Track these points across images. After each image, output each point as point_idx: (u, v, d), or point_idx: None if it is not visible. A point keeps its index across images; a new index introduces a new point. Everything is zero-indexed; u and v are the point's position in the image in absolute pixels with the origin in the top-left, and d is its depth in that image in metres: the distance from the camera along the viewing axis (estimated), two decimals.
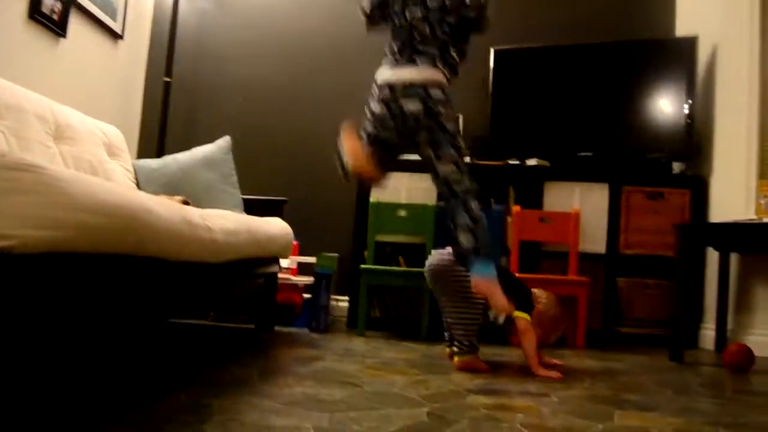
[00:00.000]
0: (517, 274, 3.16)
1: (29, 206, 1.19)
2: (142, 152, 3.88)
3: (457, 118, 2.66)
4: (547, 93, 3.75)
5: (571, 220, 3.33)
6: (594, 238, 3.41)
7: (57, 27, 3.16)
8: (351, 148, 2.25)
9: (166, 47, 3.89)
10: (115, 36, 3.74)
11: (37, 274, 1.24)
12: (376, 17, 2.43)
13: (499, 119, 3.76)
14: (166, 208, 1.70)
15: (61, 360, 2.01)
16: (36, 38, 3.04)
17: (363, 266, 3.17)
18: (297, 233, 3.35)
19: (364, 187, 3.46)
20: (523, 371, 2.33)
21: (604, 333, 3.38)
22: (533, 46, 3.81)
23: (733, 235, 2.87)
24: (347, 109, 3.98)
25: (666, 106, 3.54)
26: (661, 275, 3.37)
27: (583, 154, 3.60)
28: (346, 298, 3.54)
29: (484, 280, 2.14)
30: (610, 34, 3.83)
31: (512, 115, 3.77)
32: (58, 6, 3.16)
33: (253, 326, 3.14)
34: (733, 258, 3.25)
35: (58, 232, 1.23)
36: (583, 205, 3.43)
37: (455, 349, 2.36)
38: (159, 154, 3.71)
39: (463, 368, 2.31)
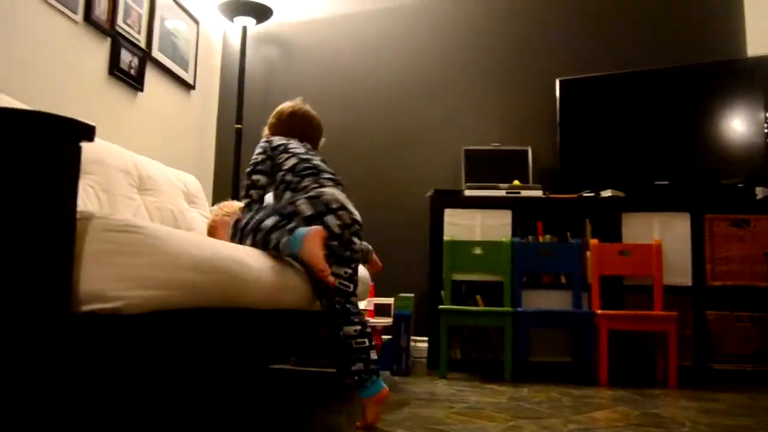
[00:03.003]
0: (599, 311, 3.08)
1: (134, 267, 1.19)
2: (217, 198, 3.96)
3: None
4: (618, 121, 3.67)
5: (653, 251, 3.22)
6: (678, 270, 3.28)
7: (135, 81, 3.28)
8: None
9: (236, 94, 3.98)
10: (188, 86, 3.86)
11: (144, 333, 1.25)
12: None
13: (569, 151, 3.69)
14: (256, 258, 1.71)
15: (163, 412, 2.03)
16: (116, 93, 3.16)
17: (441, 306, 3.13)
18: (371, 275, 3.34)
19: (437, 225, 3.43)
20: (625, 416, 2.23)
21: (696, 370, 3.22)
22: (600, 75, 3.75)
23: None
24: (413, 149, 4.02)
25: (742, 128, 3.42)
26: (754, 307, 3.21)
27: (659, 182, 3.49)
28: (425, 338, 3.49)
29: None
30: (678, 57, 3.74)
31: (583, 145, 3.70)
32: (135, 61, 3.28)
33: (334, 370, 3.12)
34: None
35: (163, 290, 1.24)
36: (664, 236, 3.32)
37: None
38: (233, 199, 3.77)
39: None
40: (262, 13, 3.90)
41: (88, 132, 1.00)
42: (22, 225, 0.94)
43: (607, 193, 3.45)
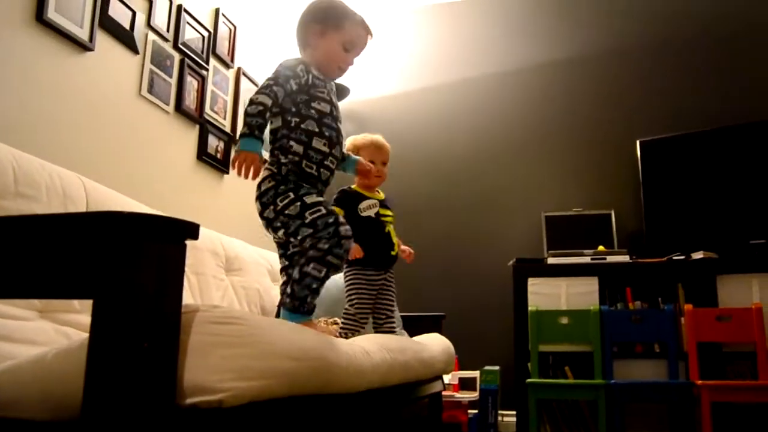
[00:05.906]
0: (699, 381, 2.91)
1: (236, 358, 1.20)
2: None
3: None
4: (705, 180, 3.55)
5: (754, 316, 3.05)
6: None
7: (221, 165, 3.42)
8: None
9: None
10: None
11: (242, 425, 1.25)
12: None
13: (654, 213, 3.58)
14: (345, 342, 1.71)
15: None
16: (204, 176, 3.30)
17: (530, 380, 3.03)
18: (455, 347, 3.29)
19: (520, 294, 3.37)
20: None
21: None
22: (682, 134, 3.66)
23: None
24: (491, 218, 4.00)
25: None
26: None
27: (755, 241, 3.33)
28: (512, 413, 3.38)
29: None
30: (764, 111, 3.61)
31: (668, 207, 3.58)
32: (221, 145, 3.43)
33: None
34: None
35: (262, 381, 1.24)
36: (765, 298, 3.13)
37: None
38: None
39: None
40: (340, 93, 4.04)
41: (192, 231, 1.04)
42: (133, 320, 0.98)
43: (698, 255, 3.30)
